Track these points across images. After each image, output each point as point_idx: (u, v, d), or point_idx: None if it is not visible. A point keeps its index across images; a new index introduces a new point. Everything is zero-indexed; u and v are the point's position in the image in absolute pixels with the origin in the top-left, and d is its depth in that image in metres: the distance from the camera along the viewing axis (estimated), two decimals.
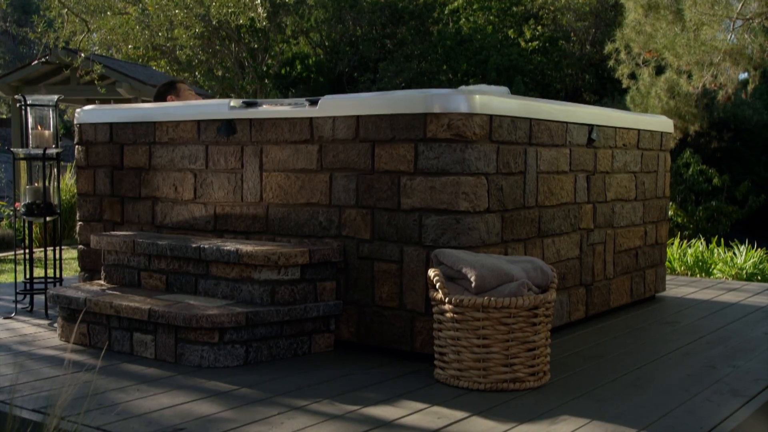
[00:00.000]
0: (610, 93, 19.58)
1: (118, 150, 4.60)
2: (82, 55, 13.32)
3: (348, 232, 3.80)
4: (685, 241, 9.74)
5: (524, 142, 3.87)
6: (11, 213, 12.99)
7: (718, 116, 13.50)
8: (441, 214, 3.53)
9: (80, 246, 4.81)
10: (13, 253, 9.59)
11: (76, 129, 4.80)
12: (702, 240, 10.56)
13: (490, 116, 3.63)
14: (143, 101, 17.89)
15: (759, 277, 8.62)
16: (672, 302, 5.17)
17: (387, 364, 3.58)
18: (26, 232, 4.69)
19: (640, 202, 4.94)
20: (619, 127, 4.67)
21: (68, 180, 11.94)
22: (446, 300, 3.23)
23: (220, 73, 20.39)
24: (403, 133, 3.60)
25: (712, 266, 8.75)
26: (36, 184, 4.55)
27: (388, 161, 3.65)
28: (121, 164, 4.60)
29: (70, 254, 9.39)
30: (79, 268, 4.81)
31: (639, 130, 4.88)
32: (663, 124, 5.17)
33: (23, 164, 4.63)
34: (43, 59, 15.33)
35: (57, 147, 4.73)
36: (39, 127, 4.81)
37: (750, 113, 18.66)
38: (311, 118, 3.88)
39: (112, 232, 4.42)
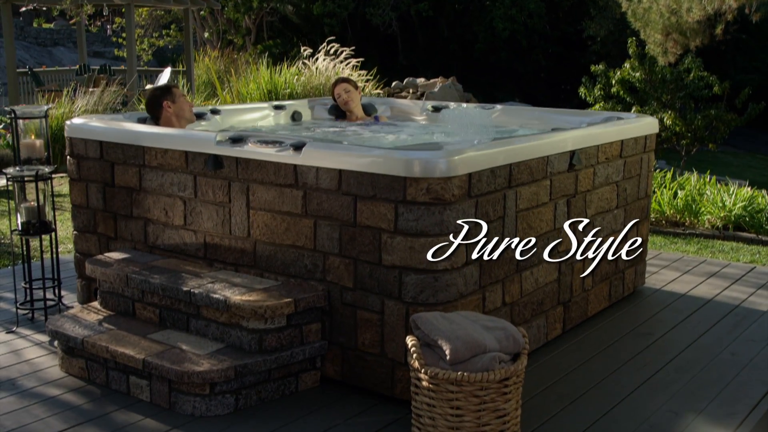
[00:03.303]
0: None
1: (108, 167, 4.69)
2: None
3: (332, 278, 3.95)
4: (677, 182, 9.82)
5: (504, 188, 3.97)
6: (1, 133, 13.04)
7: (720, 33, 13.27)
8: (420, 273, 3.67)
9: (76, 254, 4.97)
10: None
11: (67, 141, 4.86)
12: (695, 173, 10.64)
13: (470, 174, 3.71)
14: (137, 6, 17.54)
15: (747, 219, 8.79)
16: (649, 300, 5.35)
17: (369, 411, 3.81)
18: (24, 266, 4.84)
19: (621, 209, 5.05)
20: (602, 144, 4.73)
21: (64, 104, 11.95)
22: (422, 371, 3.41)
23: None
24: (384, 192, 3.69)
25: (701, 209, 8.90)
26: (31, 203, 4.66)
27: (369, 217, 3.76)
28: (113, 182, 4.69)
29: (65, 186, 9.51)
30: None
31: (622, 141, 4.93)
32: (647, 126, 5.21)
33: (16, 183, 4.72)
34: None
35: (49, 163, 4.81)
36: (30, 137, 4.88)
37: (758, 4, 18.26)
38: (295, 165, 3.95)
39: (107, 255, 4.57)
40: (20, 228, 4.70)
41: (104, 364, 4.00)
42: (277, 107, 6.24)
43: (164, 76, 16.73)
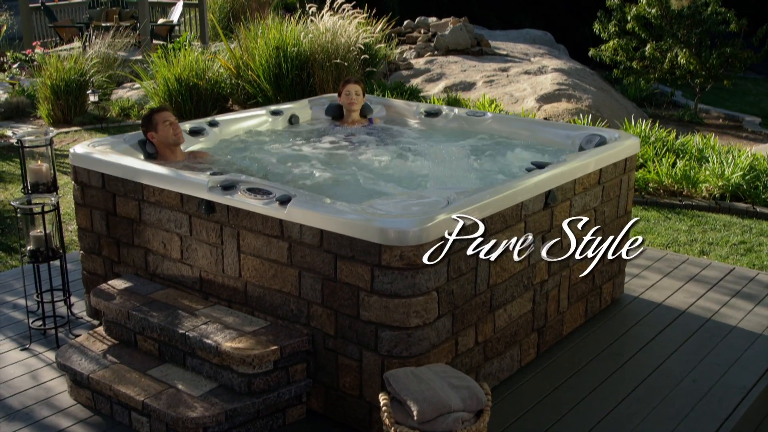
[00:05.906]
0: None
1: (110, 197, 4.96)
2: None
3: (316, 324, 4.26)
4: (679, 143, 9.92)
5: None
6: (15, 73, 13.26)
7: None
8: (395, 330, 3.97)
9: (84, 272, 5.30)
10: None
11: (71, 169, 5.13)
12: (699, 133, 10.70)
13: (442, 237, 3.96)
14: None
15: (744, 187, 8.95)
16: (625, 313, 5.58)
17: None
18: (35, 276, 5.17)
19: (599, 231, 5.27)
20: (579, 177, 4.92)
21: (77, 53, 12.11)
22: (392, 429, 3.75)
23: None
24: (361, 255, 3.95)
25: (699, 178, 9.05)
26: (38, 231, 4.96)
27: (348, 275, 4.04)
28: (115, 211, 4.97)
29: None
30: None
31: (601, 169, 5.12)
32: (628, 149, 5.35)
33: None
34: None
35: (55, 188, 5.09)
36: (38, 162, 5.16)
37: None
38: (281, 219, 4.21)
39: (110, 284, 4.89)
40: (29, 256, 5.01)
41: (109, 398, 4.37)
42: (274, 113, 6.43)
43: (176, 12, 16.75)
